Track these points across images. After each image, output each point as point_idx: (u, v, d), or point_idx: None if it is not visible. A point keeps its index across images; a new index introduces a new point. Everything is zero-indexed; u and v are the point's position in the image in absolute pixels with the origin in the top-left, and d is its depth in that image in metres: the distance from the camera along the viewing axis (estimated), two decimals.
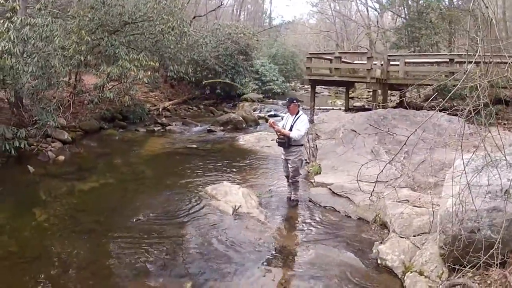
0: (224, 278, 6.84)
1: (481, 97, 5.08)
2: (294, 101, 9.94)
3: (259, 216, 9.27)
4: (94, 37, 16.89)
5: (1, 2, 13.26)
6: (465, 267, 5.66)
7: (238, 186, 10.65)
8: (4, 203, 10.10)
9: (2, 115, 14.90)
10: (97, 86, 18.90)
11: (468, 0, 21.81)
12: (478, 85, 5.25)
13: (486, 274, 5.69)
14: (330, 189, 10.61)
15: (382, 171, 6.45)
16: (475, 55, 5.50)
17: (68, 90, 18.90)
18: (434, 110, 6.93)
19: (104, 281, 6.76)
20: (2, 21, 12.10)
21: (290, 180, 10.03)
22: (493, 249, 5.23)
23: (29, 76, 13.26)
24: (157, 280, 6.72)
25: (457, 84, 5.35)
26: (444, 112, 12.10)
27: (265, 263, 7.38)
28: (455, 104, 5.73)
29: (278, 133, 9.72)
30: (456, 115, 5.63)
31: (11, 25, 12.09)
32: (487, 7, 5.57)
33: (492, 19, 5.44)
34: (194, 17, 32.50)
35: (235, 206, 9.56)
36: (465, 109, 5.20)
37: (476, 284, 5.56)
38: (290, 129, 9.54)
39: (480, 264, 5.52)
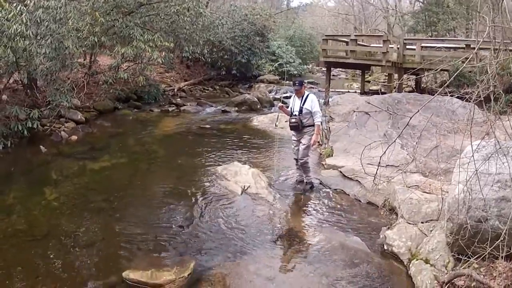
0: (228, 258, 6.87)
1: (490, 81, 4.96)
2: (303, 83, 9.91)
3: (268, 197, 9.27)
4: (108, 18, 16.80)
5: None
6: (470, 257, 5.56)
7: (248, 167, 10.64)
8: (16, 183, 10.20)
9: (16, 96, 14.96)
10: (111, 66, 19.01)
11: None
12: (488, 68, 5.13)
13: (492, 266, 5.60)
14: (341, 172, 10.59)
15: (385, 152, 6.31)
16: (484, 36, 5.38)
17: (83, 71, 18.90)
18: (447, 95, 6.82)
19: (110, 259, 6.82)
20: (15, 4, 12.06)
21: (299, 162, 9.89)
22: (499, 240, 5.11)
23: (42, 58, 13.25)
24: (162, 258, 6.77)
25: (472, 70, 5.24)
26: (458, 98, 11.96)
27: (271, 244, 7.39)
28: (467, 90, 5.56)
29: (290, 117, 9.69)
30: (466, 100, 5.52)
31: (24, 8, 12.05)
32: None
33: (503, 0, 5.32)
34: None
35: (244, 187, 9.58)
36: (474, 93, 5.09)
37: (482, 276, 5.48)
38: (300, 111, 9.48)
39: (486, 256, 5.42)
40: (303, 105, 9.48)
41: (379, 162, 6.68)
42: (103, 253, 6.97)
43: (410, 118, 6.10)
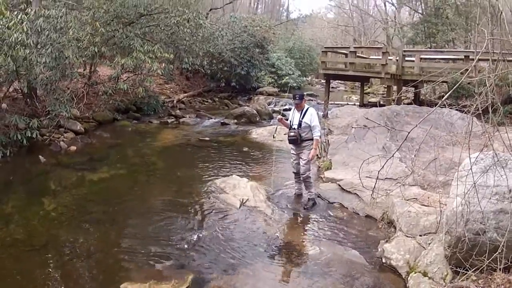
0: (226, 272, 6.84)
1: (489, 93, 4.97)
2: (304, 97, 9.86)
3: (266, 211, 9.24)
4: (109, 28, 16.98)
5: None
6: (468, 269, 5.56)
7: (246, 180, 10.62)
8: (15, 192, 10.22)
9: (15, 105, 14.97)
10: (111, 77, 19.12)
11: None
12: (486, 80, 5.15)
13: (490, 278, 5.58)
14: (339, 185, 10.57)
15: (383, 167, 6.34)
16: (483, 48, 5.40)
17: (83, 81, 18.93)
18: (446, 107, 6.84)
19: (108, 270, 6.81)
20: (16, 12, 12.10)
21: (301, 178, 9.83)
22: (497, 252, 5.12)
23: (43, 67, 13.32)
24: (160, 271, 6.75)
25: (471, 82, 5.27)
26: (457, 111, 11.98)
27: (269, 258, 7.38)
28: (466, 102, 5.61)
29: (289, 130, 9.64)
30: (465, 112, 5.53)
31: (25, 16, 12.10)
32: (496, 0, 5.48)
33: (502, 12, 5.34)
34: (210, 9, 32.56)
35: (242, 200, 9.56)
36: (473, 105, 5.10)
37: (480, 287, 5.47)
38: (299, 124, 9.41)
39: (484, 268, 5.42)
40: (302, 118, 9.42)
41: (378, 176, 6.68)
42: (101, 265, 6.96)
43: (409, 133, 6.11)
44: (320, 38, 59.77)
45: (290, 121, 9.70)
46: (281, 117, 10.39)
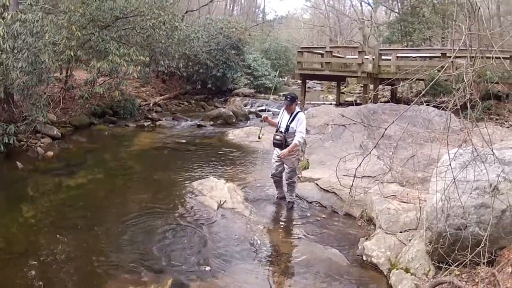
0: (205, 274, 6.73)
1: (467, 89, 4.91)
2: (296, 99, 9.50)
3: (244, 212, 9.14)
4: (85, 32, 16.73)
5: None
6: (451, 264, 5.51)
7: (224, 181, 10.50)
8: None
9: None
10: (87, 81, 18.87)
11: None
12: (464, 75, 5.09)
13: (474, 273, 5.55)
14: (317, 184, 10.47)
15: (360, 164, 6.29)
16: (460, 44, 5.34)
17: (59, 86, 18.70)
18: (423, 105, 6.80)
19: (88, 276, 6.68)
20: None
21: (286, 181, 9.65)
22: (480, 246, 5.06)
23: (19, 72, 13.08)
24: (140, 276, 6.62)
25: (448, 79, 5.20)
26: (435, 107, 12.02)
27: (249, 259, 7.28)
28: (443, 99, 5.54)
29: (275, 133, 9.38)
30: (443, 108, 5.48)
31: (1, 21, 11.91)
32: None
33: (479, 8, 5.27)
34: (186, 12, 32.32)
35: (220, 201, 9.43)
36: (451, 101, 5.05)
37: (464, 282, 5.41)
38: (286, 129, 9.16)
39: (467, 262, 5.37)
40: (290, 123, 9.16)
41: (355, 174, 6.63)
42: (80, 271, 6.82)
43: (385, 129, 6.05)
44: (296, 39, 59.83)
45: (279, 123, 9.45)
46: (267, 115, 10.17)
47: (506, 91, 18.04)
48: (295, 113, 9.22)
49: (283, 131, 9.23)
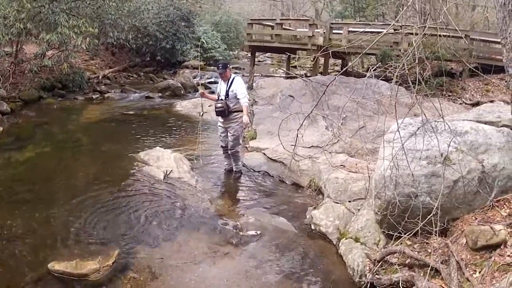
0: (152, 245, 6.65)
1: (416, 56, 4.78)
2: (228, 65, 9.47)
3: (191, 181, 9.04)
4: (35, 4, 16.27)
5: None
6: (402, 234, 5.43)
7: (170, 151, 10.39)
8: None
9: None
10: (37, 54, 18.52)
11: None
12: (413, 40, 5.00)
13: (426, 243, 5.54)
14: (264, 154, 10.39)
15: (302, 124, 6.24)
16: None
17: (9, 60, 18.31)
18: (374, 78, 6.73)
19: (35, 250, 6.47)
20: None
21: (229, 151, 9.58)
22: (432, 214, 4.98)
23: None
24: (87, 248, 6.49)
25: (399, 54, 5.13)
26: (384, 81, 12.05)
27: (195, 229, 7.18)
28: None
29: (216, 101, 9.26)
30: (391, 79, 5.40)
31: None
32: None
33: None
34: None
35: (166, 171, 9.31)
36: (399, 66, 4.96)
37: (416, 252, 5.36)
38: (227, 95, 9.04)
39: (418, 232, 5.34)
40: (229, 88, 9.06)
41: (296, 139, 6.53)
42: (29, 245, 6.60)
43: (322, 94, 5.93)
44: (248, 12, 59.26)
45: (218, 93, 9.37)
46: (203, 91, 10.14)
47: (459, 69, 18.30)
48: (231, 79, 9.16)
49: (223, 98, 9.13)
